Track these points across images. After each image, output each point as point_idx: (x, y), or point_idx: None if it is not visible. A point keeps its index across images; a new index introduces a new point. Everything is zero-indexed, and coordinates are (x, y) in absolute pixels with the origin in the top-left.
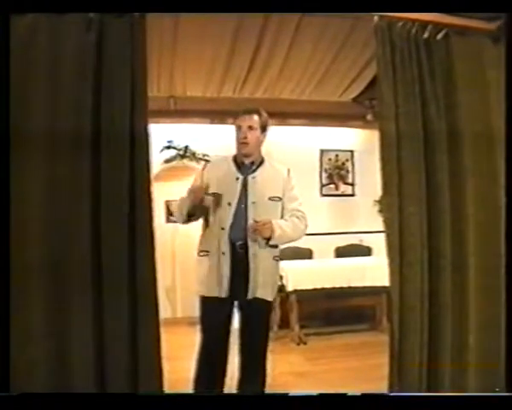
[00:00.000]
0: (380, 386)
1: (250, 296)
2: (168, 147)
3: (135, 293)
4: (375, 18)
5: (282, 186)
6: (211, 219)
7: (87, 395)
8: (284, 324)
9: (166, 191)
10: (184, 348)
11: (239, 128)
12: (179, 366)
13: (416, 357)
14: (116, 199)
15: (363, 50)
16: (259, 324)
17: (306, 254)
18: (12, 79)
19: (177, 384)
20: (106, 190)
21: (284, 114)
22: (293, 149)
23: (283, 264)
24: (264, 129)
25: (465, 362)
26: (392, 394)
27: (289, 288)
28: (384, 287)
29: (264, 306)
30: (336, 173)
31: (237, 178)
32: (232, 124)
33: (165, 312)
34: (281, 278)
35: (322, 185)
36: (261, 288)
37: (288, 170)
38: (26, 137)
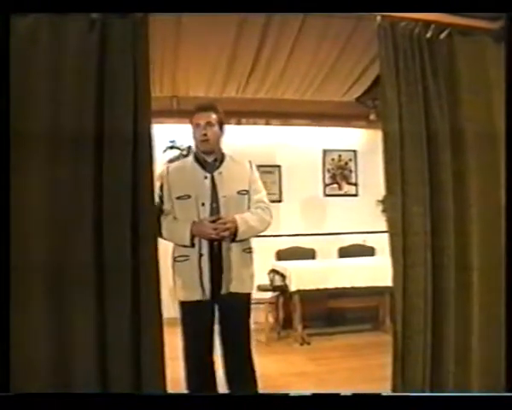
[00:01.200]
0: (383, 386)
1: (224, 292)
2: (171, 147)
3: (138, 293)
4: (378, 18)
5: (248, 179)
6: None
7: (87, 396)
8: (287, 324)
9: None
10: None
11: (197, 126)
12: (181, 366)
13: (419, 357)
14: (119, 199)
15: (366, 50)
16: (239, 318)
17: (309, 254)
18: (14, 80)
19: (180, 384)
20: (109, 190)
21: (287, 114)
22: (296, 150)
23: (286, 264)
24: (221, 125)
25: (469, 362)
26: (393, 394)
27: (292, 288)
28: (387, 287)
29: (240, 300)
30: (339, 173)
31: (205, 177)
32: (191, 123)
33: (167, 312)
34: (284, 278)
35: (325, 185)
36: (235, 282)
37: (250, 162)
38: (29, 138)
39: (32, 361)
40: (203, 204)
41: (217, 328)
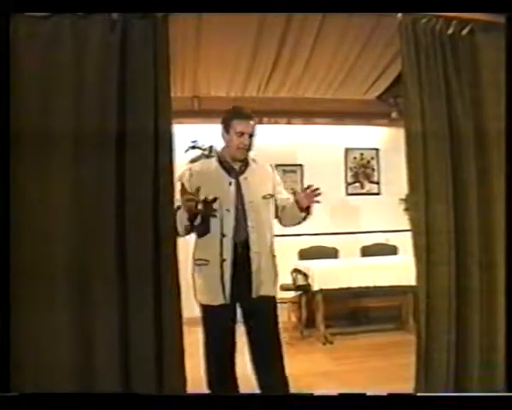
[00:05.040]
0: (406, 386)
1: (254, 295)
2: (193, 147)
3: (159, 292)
4: (399, 15)
5: (272, 183)
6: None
7: (88, 395)
8: (310, 323)
9: None
10: None
11: (240, 134)
12: (202, 365)
13: (443, 357)
14: (140, 199)
15: (387, 48)
16: (268, 321)
17: (332, 253)
18: (36, 80)
19: (199, 383)
20: (130, 190)
21: (308, 112)
22: (317, 148)
23: (309, 263)
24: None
25: (494, 362)
26: (416, 394)
27: (315, 287)
28: (410, 286)
29: (269, 302)
30: (361, 172)
31: (230, 183)
32: (227, 126)
33: (188, 311)
34: (306, 277)
35: (348, 184)
36: (264, 285)
37: (272, 166)
38: (51, 138)
39: (55, 361)
40: (228, 210)
41: (242, 330)
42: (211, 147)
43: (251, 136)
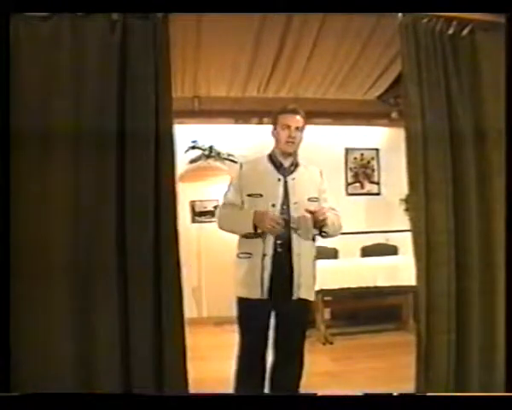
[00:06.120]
0: (406, 387)
1: (295, 297)
2: (193, 147)
3: (160, 292)
4: (400, 15)
5: (318, 187)
6: None
7: (88, 395)
8: (310, 323)
9: (191, 191)
10: (210, 348)
11: (287, 127)
12: (204, 366)
13: (443, 357)
14: (141, 199)
15: (388, 48)
16: (300, 324)
17: (332, 253)
18: (36, 80)
19: (202, 385)
20: (131, 190)
21: (309, 113)
22: (318, 148)
23: None
24: (303, 129)
25: (493, 363)
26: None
27: (315, 288)
28: (411, 286)
29: (305, 306)
30: (362, 172)
31: (279, 179)
32: (275, 122)
33: (190, 311)
34: None
35: (348, 184)
36: (304, 288)
37: (321, 171)
38: (51, 138)
39: (56, 361)
40: (273, 205)
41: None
42: (211, 147)
43: (297, 129)
